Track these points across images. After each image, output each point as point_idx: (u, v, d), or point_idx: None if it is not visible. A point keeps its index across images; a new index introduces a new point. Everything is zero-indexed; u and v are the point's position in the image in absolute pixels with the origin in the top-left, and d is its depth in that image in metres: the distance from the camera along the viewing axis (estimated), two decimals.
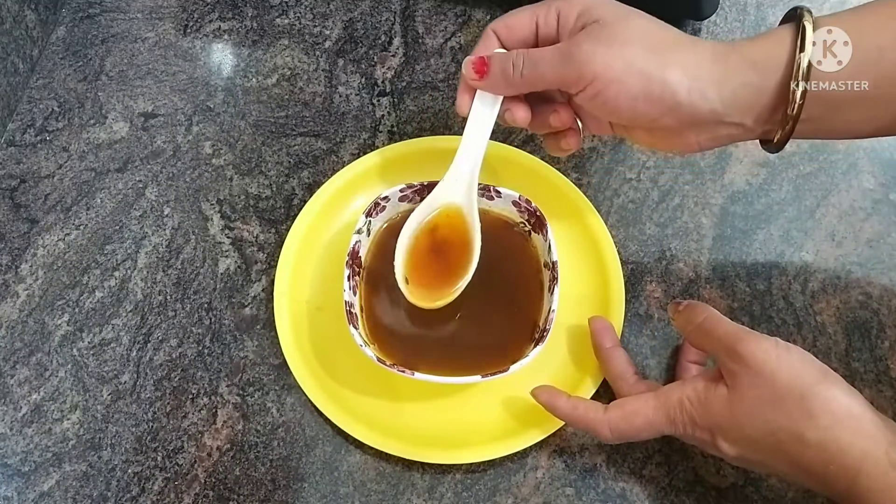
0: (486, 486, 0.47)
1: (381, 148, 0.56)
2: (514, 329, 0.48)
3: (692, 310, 0.44)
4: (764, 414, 0.39)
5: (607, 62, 0.41)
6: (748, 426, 0.39)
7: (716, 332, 0.42)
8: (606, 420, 0.43)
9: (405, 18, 0.63)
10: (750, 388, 0.39)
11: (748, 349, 0.39)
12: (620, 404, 0.43)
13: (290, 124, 0.59)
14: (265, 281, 0.53)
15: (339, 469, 0.48)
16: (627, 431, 0.43)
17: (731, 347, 0.40)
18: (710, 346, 0.42)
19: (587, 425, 0.44)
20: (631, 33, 0.41)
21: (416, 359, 0.47)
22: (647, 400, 0.43)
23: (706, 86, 0.41)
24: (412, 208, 0.50)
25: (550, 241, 0.48)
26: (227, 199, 0.56)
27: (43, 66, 0.62)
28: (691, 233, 0.54)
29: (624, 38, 0.41)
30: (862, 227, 0.54)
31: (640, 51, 0.41)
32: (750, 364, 0.39)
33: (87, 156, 0.58)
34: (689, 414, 0.41)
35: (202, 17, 0.64)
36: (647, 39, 0.41)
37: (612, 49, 0.41)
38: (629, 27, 0.41)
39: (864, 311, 0.52)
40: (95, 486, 0.48)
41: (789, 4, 0.62)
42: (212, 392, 0.50)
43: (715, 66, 0.41)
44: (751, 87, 0.41)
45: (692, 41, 0.42)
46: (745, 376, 0.39)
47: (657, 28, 0.42)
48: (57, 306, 0.53)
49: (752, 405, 0.39)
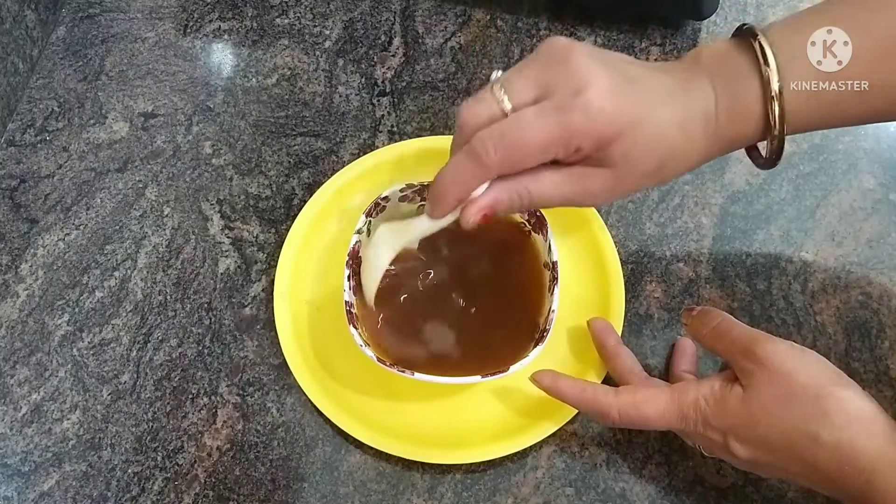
0: (486, 486, 0.47)
1: (382, 147, 0.56)
2: (515, 329, 0.48)
3: (706, 314, 0.45)
4: (779, 413, 0.39)
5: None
6: (763, 425, 0.39)
7: (730, 334, 0.42)
8: (616, 404, 0.43)
9: (405, 18, 0.63)
10: (766, 386, 0.39)
11: (765, 349, 0.40)
12: (632, 390, 0.43)
13: (290, 124, 0.59)
14: (265, 281, 0.53)
15: (339, 469, 0.48)
16: (635, 419, 0.43)
17: (747, 348, 0.40)
18: (725, 349, 0.42)
19: (595, 408, 0.44)
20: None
21: (416, 359, 0.47)
22: (661, 392, 0.43)
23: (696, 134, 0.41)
24: (412, 209, 0.50)
25: (550, 241, 0.48)
26: (226, 199, 0.56)
27: (43, 65, 0.62)
28: (691, 233, 0.54)
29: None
30: (862, 227, 0.54)
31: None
32: (766, 363, 0.39)
33: (87, 156, 0.58)
34: (703, 413, 0.41)
35: (202, 17, 0.64)
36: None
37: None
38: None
39: (864, 311, 0.52)
40: (95, 486, 0.48)
41: (789, 5, 0.62)
42: (212, 392, 0.50)
43: (705, 141, 0.41)
44: (742, 137, 0.42)
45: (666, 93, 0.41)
46: (761, 375, 0.39)
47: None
48: (57, 306, 0.53)
49: (768, 403, 0.39)
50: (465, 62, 0.61)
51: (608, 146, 0.39)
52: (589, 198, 0.42)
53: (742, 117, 0.41)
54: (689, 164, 0.42)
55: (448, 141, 0.55)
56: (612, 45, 0.61)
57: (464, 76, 0.60)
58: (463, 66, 0.61)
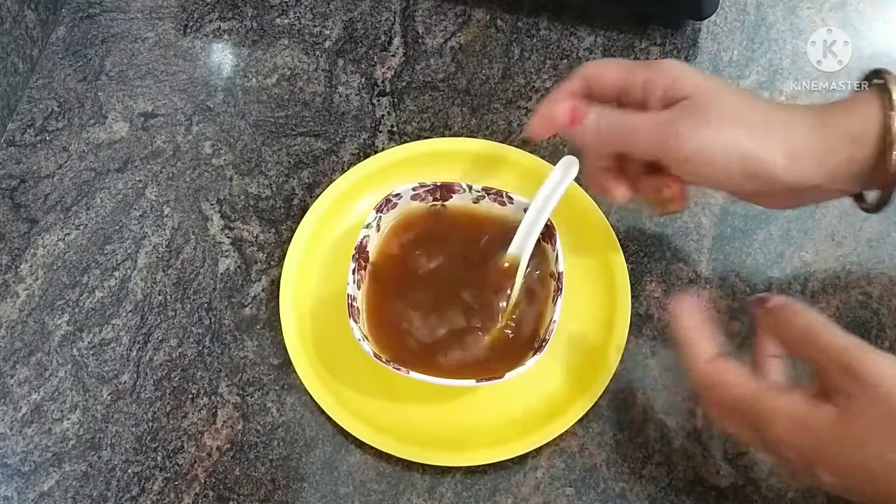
0: (485, 486, 0.47)
1: (395, 147, 0.56)
2: (517, 336, 0.48)
3: (785, 311, 0.39)
4: (883, 439, 0.34)
5: (704, 143, 0.41)
6: (860, 453, 0.34)
7: (819, 340, 0.37)
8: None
9: (405, 18, 0.63)
10: (869, 410, 0.34)
11: (867, 367, 0.35)
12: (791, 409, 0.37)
13: (289, 124, 0.59)
14: (265, 281, 0.53)
15: (339, 469, 0.48)
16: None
17: (845, 364, 0.35)
18: (815, 358, 0.37)
19: (756, 415, 0.37)
20: (725, 111, 0.42)
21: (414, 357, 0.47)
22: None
23: (806, 164, 0.41)
24: (423, 207, 0.50)
25: (558, 252, 0.47)
26: (226, 199, 0.56)
27: (43, 65, 0.62)
28: (691, 232, 0.54)
29: (719, 117, 0.41)
30: (862, 226, 0.54)
31: (736, 131, 0.41)
32: (869, 383, 0.34)
33: (86, 156, 0.58)
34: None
35: (202, 17, 0.64)
36: (741, 118, 0.42)
37: (708, 129, 0.41)
38: (722, 105, 0.42)
39: (864, 311, 0.52)
40: (95, 486, 0.48)
41: (789, 5, 0.62)
42: (212, 392, 0.50)
43: (813, 141, 0.41)
44: (852, 160, 0.41)
45: (785, 114, 0.42)
46: (862, 395, 0.34)
47: (749, 104, 0.43)
48: (57, 306, 0.53)
49: (870, 430, 0.34)
50: (465, 62, 0.61)
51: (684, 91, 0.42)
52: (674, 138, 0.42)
53: (862, 107, 0.41)
54: (793, 183, 0.41)
55: (456, 143, 0.56)
56: (612, 45, 0.61)
57: (464, 76, 0.61)
58: (463, 66, 0.61)
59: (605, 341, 0.49)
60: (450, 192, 0.50)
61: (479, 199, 0.50)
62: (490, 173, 0.55)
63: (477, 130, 0.58)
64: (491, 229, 0.50)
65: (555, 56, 0.61)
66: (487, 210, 0.50)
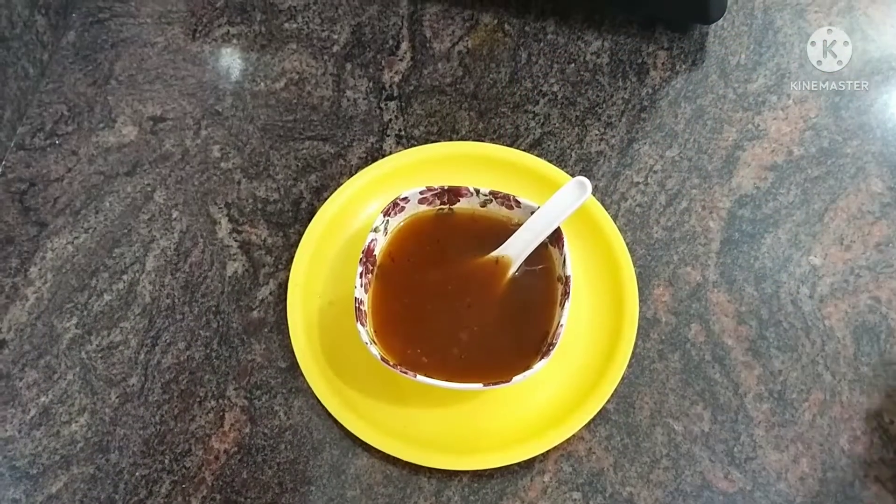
0: (492, 490, 0.47)
1: (402, 151, 0.56)
2: (525, 340, 0.48)
3: None
4: None
5: None
6: None
7: None
8: None
9: (413, 23, 0.63)
10: None
11: None
12: None
13: (297, 128, 0.59)
14: (273, 284, 0.53)
15: (347, 472, 0.48)
16: None
17: None
18: None
19: None
20: None
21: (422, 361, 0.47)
22: None
23: None
24: (431, 210, 0.50)
25: (566, 255, 0.47)
26: (235, 203, 0.57)
27: (53, 70, 0.62)
28: (699, 236, 0.54)
29: None
30: (870, 230, 0.54)
31: None
32: None
33: (96, 159, 0.58)
34: None
35: (211, 22, 0.64)
36: None
37: None
38: None
39: (873, 316, 0.51)
40: (103, 489, 0.48)
41: (797, 9, 0.62)
42: (219, 395, 0.50)
43: None
44: None
45: None
46: None
47: None
48: (65, 309, 0.53)
49: None
50: (473, 66, 0.61)
51: None
52: None
53: None
54: None
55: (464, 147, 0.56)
56: (619, 49, 0.61)
57: (471, 80, 0.61)
58: (470, 70, 0.61)
59: (612, 345, 0.49)
60: (457, 195, 0.50)
61: (486, 203, 0.50)
62: (497, 177, 0.55)
63: (484, 134, 0.58)
64: (498, 233, 0.50)
65: (562, 60, 0.61)
66: (495, 214, 0.51)
